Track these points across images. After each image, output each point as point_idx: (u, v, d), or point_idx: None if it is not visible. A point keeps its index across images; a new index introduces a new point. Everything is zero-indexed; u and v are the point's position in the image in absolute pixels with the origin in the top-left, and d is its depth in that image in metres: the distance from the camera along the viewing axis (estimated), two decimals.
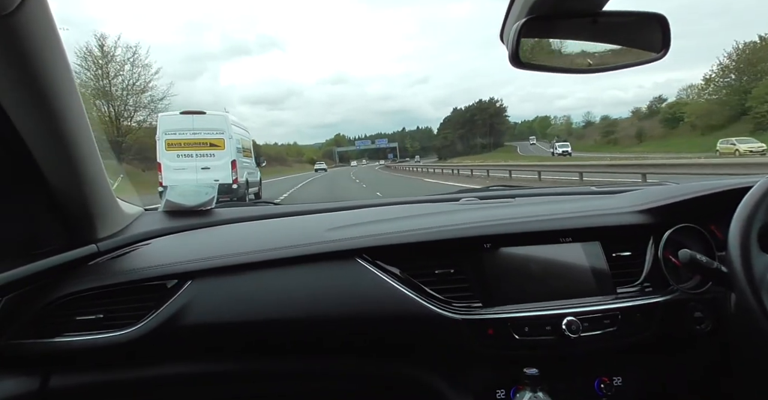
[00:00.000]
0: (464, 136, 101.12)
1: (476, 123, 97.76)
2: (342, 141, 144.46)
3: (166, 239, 1.21)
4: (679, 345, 1.13)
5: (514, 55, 0.78)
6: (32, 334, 0.98)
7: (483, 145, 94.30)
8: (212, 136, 10.76)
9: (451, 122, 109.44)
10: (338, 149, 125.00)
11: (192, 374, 1.06)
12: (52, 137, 0.87)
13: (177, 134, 10.65)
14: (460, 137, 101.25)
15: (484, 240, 1.10)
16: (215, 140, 10.76)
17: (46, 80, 0.79)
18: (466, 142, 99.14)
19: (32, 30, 0.72)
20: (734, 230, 0.88)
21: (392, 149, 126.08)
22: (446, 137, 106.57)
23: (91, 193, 1.03)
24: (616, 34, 0.84)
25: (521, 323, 1.02)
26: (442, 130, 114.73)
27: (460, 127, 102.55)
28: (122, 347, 0.98)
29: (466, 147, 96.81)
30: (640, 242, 1.16)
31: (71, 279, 1.02)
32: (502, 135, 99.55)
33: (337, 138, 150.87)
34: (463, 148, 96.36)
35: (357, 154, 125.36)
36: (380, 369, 1.09)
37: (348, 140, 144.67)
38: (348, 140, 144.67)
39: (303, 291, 1.05)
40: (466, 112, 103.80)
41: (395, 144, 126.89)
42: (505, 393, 1.05)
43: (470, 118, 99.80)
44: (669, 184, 1.45)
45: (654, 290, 1.12)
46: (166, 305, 1.00)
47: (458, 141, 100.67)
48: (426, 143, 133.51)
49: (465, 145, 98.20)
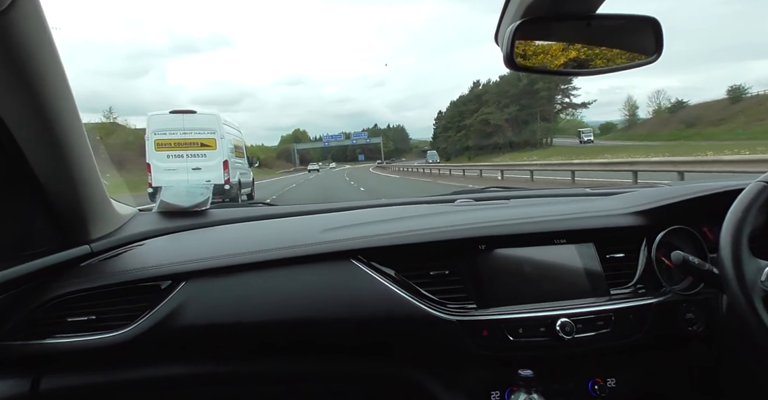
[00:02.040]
0: (476, 131, 72.35)
1: (524, 109, 67.70)
2: (303, 137, 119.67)
3: (160, 239, 1.21)
4: (671, 346, 1.14)
5: (508, 57, 0.79)
6: (24, 335, 0.97)
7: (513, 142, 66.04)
8: (203, 136, 10.63)
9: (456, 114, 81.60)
10: (298, 147, 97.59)
11: (185, 376, 1.05)
12: (45, 137, 0.87)
13: (167, 134, 10.50)
14: (482, 133, 71.39)
15: (479, 241, 1.10)
16: (206, 140, 10.63)
17: (39, 80, 0.78)
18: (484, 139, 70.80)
19: (25, 29, 0.71)
20: (725, 233, 0.89)
21: (362, 150, 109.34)
22: (467, 128, 75.17)
23: (84, 194, 1.03)
24: (610, 37, 0.85)
25: (515, 324, 1.03)
26: (455, 122, 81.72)
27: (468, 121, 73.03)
28: (115, 348, 0.97)
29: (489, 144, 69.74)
30: (634, 243, 1.17)
31: (64, 280, 1.01)
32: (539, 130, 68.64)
33: (297, 133, 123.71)
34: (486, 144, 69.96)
35: (320, 153, 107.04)
36: (375, 370, 1.09)
37: (314, 138, 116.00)
38: (314, 138, 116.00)
39: (298, 292, 1.04)
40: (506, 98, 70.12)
41: (378, 139, 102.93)
42: (499, 395, 1.06)
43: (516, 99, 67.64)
44: (662, 185, 1.46)
45: (647, 291, 1.12)
46: (160, 306, 1.00)
47: (475, 136, 71.95)
48: (400, 144, 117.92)
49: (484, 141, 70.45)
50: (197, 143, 10.63)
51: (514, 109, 68.87)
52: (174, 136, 10.54)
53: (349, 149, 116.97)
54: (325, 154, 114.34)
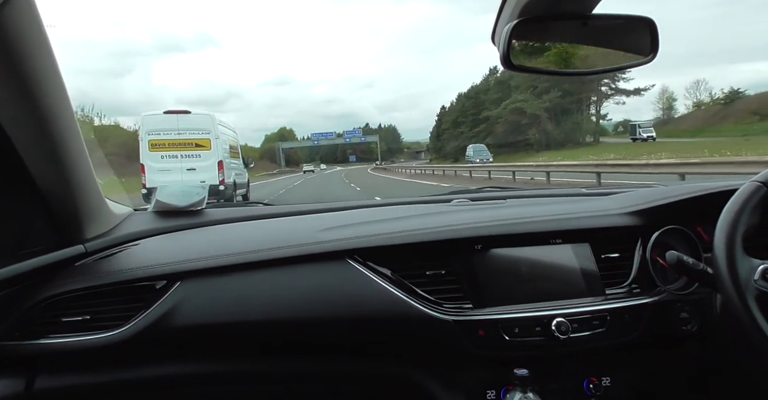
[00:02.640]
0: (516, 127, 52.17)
1: None
2: (290, 136, 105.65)
3: (156, 239, 1.20)
4: (666, 345, 1.14)
5: (505, 56, 0.79)
6: (18, 335, 0.97)
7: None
8: (198, 136, 10.58)
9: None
10: (284, 146, 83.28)
11: (181, 376, 1.05)
12: (40, 136, 0.86)
13: (161, 135, 10.45)
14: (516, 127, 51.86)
15: (476, 241, 1.10)
16: (201, 140, 10.59)
17: (34, 79, 0.78)
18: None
19: (19, 28, 0.71)
20: (719, 233, 0.90)
21: (354, 150, 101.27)
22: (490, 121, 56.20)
23: (79, 193, 1.02)
24: (606, 37, 0.85)
25: (511, 324, 1.03)
26: None
27: None
28: (109, 348, 0.97)
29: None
30: (629, 243, 1.17)
31: (58, 280, 1.00)
32: None
33: (283, 132, 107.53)
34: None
35: (308, 154, 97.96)
36: (371, 370, 1.09)
37: (303, 139, 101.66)
38: (303, 139, 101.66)
39: (294, 292, 1.04)
40: None
41: (375, 138, 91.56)
42: (495, 394, 1.06)
43: None
44: (658, 186, 1.47)
45: (642, 291, 1.13)
46: (155, 305, 0.99)
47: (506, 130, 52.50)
48: (392, 144, 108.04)
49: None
50: (192, 144, 10.58)
51: (555, 96, 50.16)
52: (168, 137, 10.49)
53: (340, 150, 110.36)
54: (313, 155, 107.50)
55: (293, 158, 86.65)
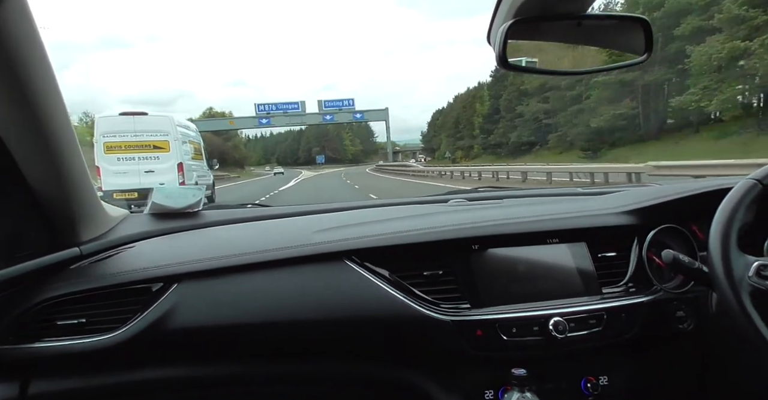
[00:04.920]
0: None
1: None
2: (220, 117, 71.39)
3: (152, 241, 1.20)
4: (662, 344, 1.15)
5: (501, 56, 0.79)
6: (11, 339, 0.96)
7: None
8: (155, 138, 10.34)
9: None
10: (205, 126, 47.45)
11: (177, 379, 1.04)
12: (34, 138, 0.86)
13: (117, 136, 10.17)
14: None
15: (473, 241, 1.10)
16: (159, 142, 10.35)
17: (27, 80, 0.78)
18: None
19: (11, 29, 0.71)
20: (715, 231, 0.90)
21: (321, 149, 78.12)
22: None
23: (74, 195, 1.02)
24: (600, 37, 0.86)
25: (509, 323, 1.03)
26: None
27: None
28: (105, 351, 0.96)
29: None
30: (625, 242, 1.18)
31: (53, 283, 1.00)
32: None
33: (214, 114, 76.24)
34: None
35: (262, 154, 69.07)
36: (369, 371, 1.09)
37: (250, 118, 61.24)
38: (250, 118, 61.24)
39: (291, 294, 1.04)
40: None
41: (382, 116, 62.45)
42: (493, 394, 1.06)
43: None
44: (653, 185, 1.47)
45: (638, 290, 1.13)
46: (151, 308, 0.99)
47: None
48: (366, 145, 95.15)
49: None
50: (149, 145, 10.33)
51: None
52: (124, 139, 10.21)
53: (302, 148, 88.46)
54: (268, 156, 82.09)
55: (231, 156, 59.74)
